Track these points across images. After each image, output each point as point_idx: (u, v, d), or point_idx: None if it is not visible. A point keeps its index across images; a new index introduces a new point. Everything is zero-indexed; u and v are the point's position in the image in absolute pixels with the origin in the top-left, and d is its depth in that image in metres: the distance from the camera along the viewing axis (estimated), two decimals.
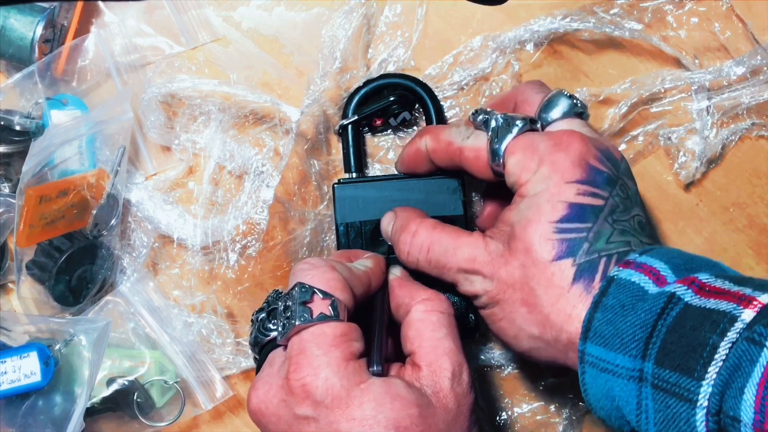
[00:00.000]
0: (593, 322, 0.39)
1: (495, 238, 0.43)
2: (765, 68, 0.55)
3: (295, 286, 0.41)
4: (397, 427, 0.37)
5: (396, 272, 0.47)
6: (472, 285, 0.44)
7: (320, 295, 0.40)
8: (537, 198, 0.42)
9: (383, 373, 0.40)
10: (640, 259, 0.39)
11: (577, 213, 0.41)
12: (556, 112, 0.46)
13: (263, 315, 0.43)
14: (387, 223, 0.49)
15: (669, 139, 0.57)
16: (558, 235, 0.41)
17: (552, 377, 0.58)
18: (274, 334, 0.42)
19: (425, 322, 0.42)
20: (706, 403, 0.34)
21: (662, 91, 0.56)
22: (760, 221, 0.58)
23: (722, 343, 0.34)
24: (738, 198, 0.58)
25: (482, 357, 0.57)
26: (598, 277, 0.40)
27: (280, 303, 0.41)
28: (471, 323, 0.51)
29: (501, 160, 0.44)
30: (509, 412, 0.58)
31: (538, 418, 0.57)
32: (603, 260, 0.40)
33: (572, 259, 0.40)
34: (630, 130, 0.57)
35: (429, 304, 0.43)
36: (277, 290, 0.44)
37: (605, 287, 0.39)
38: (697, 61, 0.57)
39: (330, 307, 0.40)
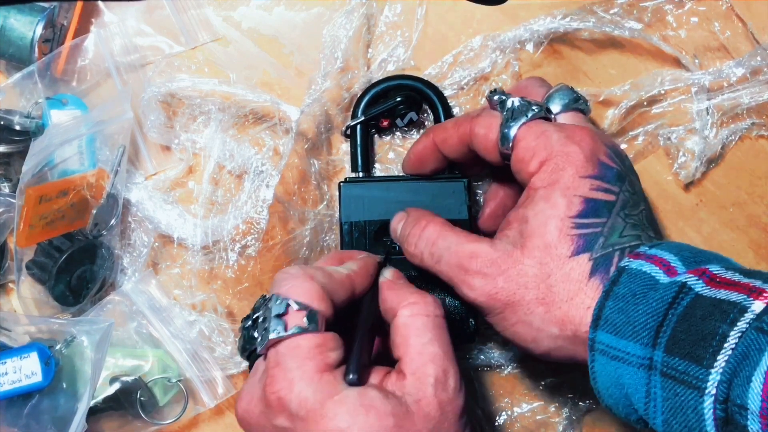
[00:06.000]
0: (604, 310, 0.39)
1: (503, 239, 0.43)
2: (765, 68, 0.55)
3: (270, 297, 0.40)
4: None
5: (387, 275, 0.46)
6: (471, 289, 0.43)
7: (295, 307, 0.39)
8: (550, 190, 0.42)
9: (360, 382, 0.39)
10: (650, 251, 0.40)
11: (592, 208, 0.41)
12: (560, 105, 0.46)
13: (249, 323, 0.43)
14: (398, 221, 0.49)
15: (669, 139, 0.57)
16: (576, 230, 0.41)
17: (552, 377, 0.58)
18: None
19: (410, 328, 0.41)
20: (714, 391, 0.34)
21: (662, 92, 0.56)
22: (760, 221, 0.58)
23: (732, 333, 0.34)
24: (738, 198, 0.58)
25: (482, 357, 0.57)
26: (612, 269, 0.40)
27: (261, 313, 0.41)
28: (471, 328, 0.50)
29: (510, 144, 0.44)
30: (509, 412, 0.58)
31: (538, 418, 0.57)
32: (617, 253, 0.41)
33: (589, 253, 0.41)
34: (630, 129, 0.57)
35: (414, 308, 0.42)
36: (264, 296, 0.43)
37: (616, 277, 0.39)
38: (697, 60, 0.57)
39: (305, 319, 0.39)
